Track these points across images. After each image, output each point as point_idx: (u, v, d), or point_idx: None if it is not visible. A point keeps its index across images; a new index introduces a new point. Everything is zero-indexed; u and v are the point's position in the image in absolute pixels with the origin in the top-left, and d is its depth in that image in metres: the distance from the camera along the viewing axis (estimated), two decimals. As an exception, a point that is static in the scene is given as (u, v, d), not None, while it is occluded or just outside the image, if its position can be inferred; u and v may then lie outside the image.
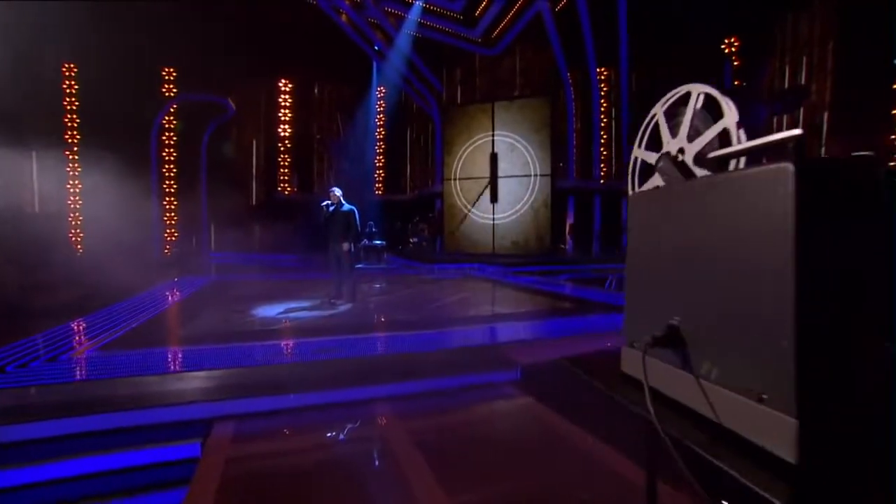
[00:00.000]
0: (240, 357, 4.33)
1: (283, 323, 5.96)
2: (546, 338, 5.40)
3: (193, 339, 5.03)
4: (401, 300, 7.92)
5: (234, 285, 9.85)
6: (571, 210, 16.06)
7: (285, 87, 18.75)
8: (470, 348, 5.01)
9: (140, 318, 6.10)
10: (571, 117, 15.70)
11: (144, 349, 4.52)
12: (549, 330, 5.70)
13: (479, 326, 5.83)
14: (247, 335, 5.29)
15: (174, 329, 5.51)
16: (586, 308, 7.22)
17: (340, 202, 7.55)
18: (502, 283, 10.41)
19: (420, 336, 5.28)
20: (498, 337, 5.49)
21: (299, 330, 5.66)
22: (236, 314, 6.48)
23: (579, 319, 6.25)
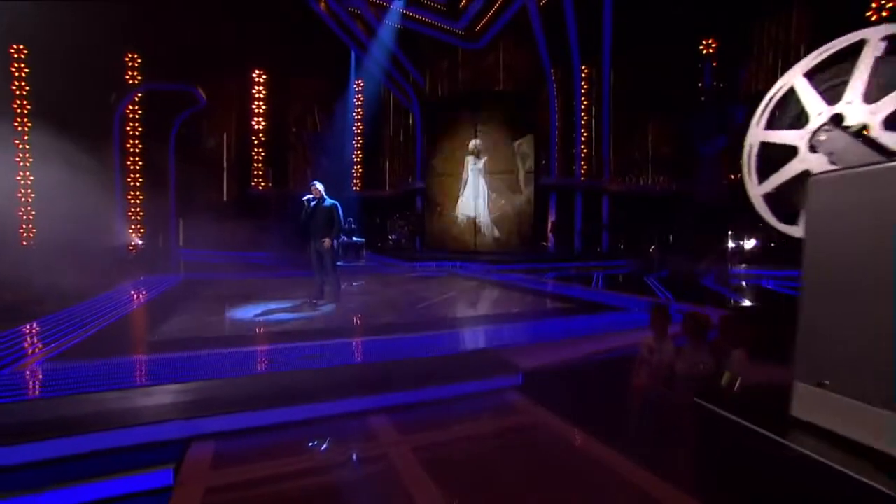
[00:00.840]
0: (216, 366, 3.86)
1: (262, 327, 5.48)
2: (545, 340, 5.11)
3: (162, 347, 4.51)
4: (386, 300, 7.51)
5: (206, 285, 9.22)
6: (553, 208, 15.92)
7: (259, 79, 17.95)
8: (466, 353, 4.66)
9: (100, 322, 5.50)
10: (554, 114, 15.54)
11: (105, 359, 3.99)
12: (546, 331, 5.41)
13: (472, 328, 5.50)
14: (223, 341, 4.80)
15: (140, 335, 4.96)
16: (580, 307, 6.99)
17: (322, 196, 7.10)
18: (488, 282, 10.12)
19: (412, 340, 4.90)
20: (494, 339, 5.17)
21: (281, 334, 5.20)
22: (210, 317, 5.95)
23: (575, 319, 6.00)
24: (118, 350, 4.29)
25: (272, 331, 5.32)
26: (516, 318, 6.12)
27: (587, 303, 7.31)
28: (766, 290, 8.90)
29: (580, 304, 7.28)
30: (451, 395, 3.87)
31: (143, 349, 4.41)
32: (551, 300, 7.69)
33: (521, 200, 15.76)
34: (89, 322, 5.45)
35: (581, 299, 7.59)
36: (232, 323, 5.63)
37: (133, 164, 15.72)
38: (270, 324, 5.65)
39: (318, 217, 6.99)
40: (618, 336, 5.27)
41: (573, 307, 7.08)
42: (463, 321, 6.09)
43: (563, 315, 6.35)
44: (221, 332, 5.18)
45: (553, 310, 6.97)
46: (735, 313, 6.14)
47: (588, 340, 5.17)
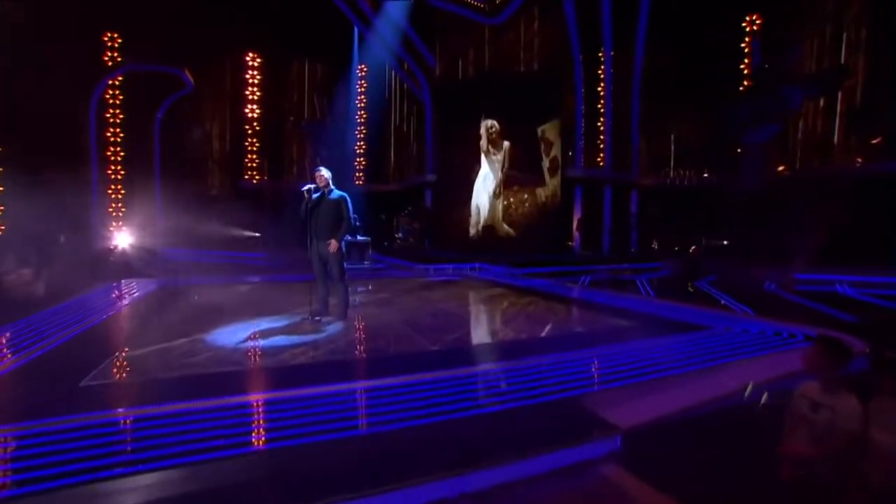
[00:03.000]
0: (176, 436, 2.51)
1: (249, 360, 4.13)
2: (633, 376, 3.76)
3: (103, 398, 3.17)
4: (402, 315, 6.17)
5: (187, 293, 7.87)
6: (579, 203, 14.56)
7: (253, 62, 16.56)
8: (529, 405, 3.30)
9: (32, 350, 4.16)
10: (580, 99, 14.16)
11: (4, 426, 2.63)
12: (629, 362, 4.07)
13: (526, 361, 4.15)
14: (193, 385, 3.46)
15: (76, 374, 3.61)
16: (649, 324, 5.64)
17: (329, 187, 5.74)
18: (517, 289, 8.77)
19: (453, 383, 3.55)
20: (561, 378, 3.82)
21: (274, 373, 3.86)
22: (181, 342, 4.59)
23: (656, 344, 4.65)
24: (32, 405, 2.93)
25: (260, 366, 3.97)
26: (579, 343, 4.77)
27: (656, 319, 5.96)
28: (854, 300, 7.56)
29: (648, 320, 5.93)
30: (514, 477, 2.54)
31: (74, 402, 3.05)
32: (608, 315, 6.35)
33: (545, 194, 14.39)
34: (17, 349, 4.11)
35: (646, 314, 6.24)
36: (208, 352, 4.28)
37: (113, 154, 14.34)
38: (260, 354, 4.30)
39: (322, 213, 5.65)
40: (728, 371, 3.93)
41: (639, 324, 5.73)
42: (509, 349, 4.74)
43: (637, 337, 4.99)
44: (192, 369, 3.82)
45: (619, 329, 5.62)
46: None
47: (693, 378, 3.83)
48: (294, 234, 5.58)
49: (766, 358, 4.20)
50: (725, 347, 4.51)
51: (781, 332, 5.01)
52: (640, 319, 5.99)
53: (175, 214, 14.81)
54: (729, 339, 4.85)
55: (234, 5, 14.61)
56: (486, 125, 14.84)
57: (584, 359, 4.24)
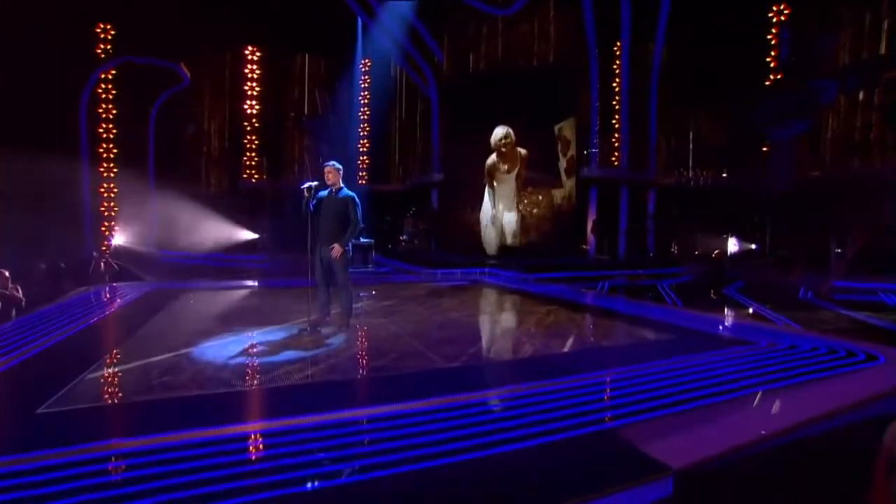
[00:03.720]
0: (140, 482, 2.11)
1: (237, 380, 3.72)
2: (677, 404, 3.31)
3: (61, 430, 2.77)
4: (413, 327, 5.75)
5: (177, 298, 7.49)
6: (594, 204, 14.12)
7: (252, 56, 16.23)
8: (559, 440, 2.86)
9: None
10: (595, 95, 13.72)
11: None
12: (665, 385, 3.63)
13: (552, 383, 3.72)
14: (169, 412, 3.06)
15: (34, 398, 3.21)
16: (684, 340, 5.20)
17: (339, 184, 5.33)
18: (533, 296, 8.34)
19: (470, 410, 3.13)
20: (597, 405, 3.39)
21: (264, 397, 3.45)
22: (163, 356, 4.20)
23: (696, 362, 4.21)
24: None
25: (250, 389, 3.56)
26: (609, 360, 4.34)
27: (688, 332, 5.51)
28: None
29: (679, 332, 5.48)
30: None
31: (10, 438, 2.65)
32: (634, 326, 5.90)
33: (560, 196, 13.96)
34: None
35: (676, 326, 5.78)
36: (193, 370, 3.87)
37: (106, 151, 14.04)
38: (250, 372, 3.89)
39: (327, 213, 5.25)
40: (789, 397, 3.49)
41: (671, 338, 5.28)
42: (532, 368, 4.31)
43: (671, 353, 4.55)
44: (171, 391, 3.42)
45: (649, 343, 5.18)
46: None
47: (748, 405, 3.38)
48: (295, 235, 5.19)
49: (829, 381, 3.75)
50: (777, 367, 4.06)
51: (837, 349, 4.55)
52: (670, 332, 5.54)
53: (170, 215, 14.50)
54: (778, 357, 4.40)
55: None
56: (496, 135, 14.34)
57: (618, 380, 3.80)
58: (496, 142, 14.34)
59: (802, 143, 11.79)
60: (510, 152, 14.29)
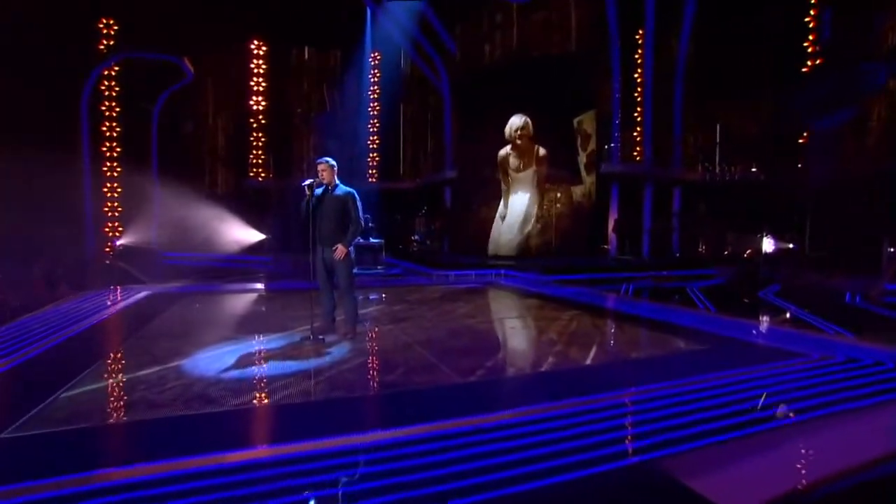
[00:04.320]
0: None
1: (228, 397, 3.41)
2: (730, 430, 2.92)
3: (23, 458, 2.48)
4: (425, 334, 5.41)
5: (175, 303, 7.27)
6: (615, 202, 13.65)
7: (258, 50, 16.06)
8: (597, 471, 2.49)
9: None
10: (617, 87, 13.24)
11: None
12: (711, 405, 3.23)
13: (581, 402, 3.34)
14: (145, 437, 2.76)
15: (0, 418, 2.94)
16: (724, 350, 4.78)
17: (335, 181, 5.05)
18: (553, 300, 7.95)
19: (489, 436, 2.78)
20: (634, 429, 3.01)
21: (256, 418, 3.14)
22: (150, 373, 3.92)
23: (742, 378, 3.79)
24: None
25: (242, 408, 3.24)
26: (643, 374, 3.94)
27: (728, 341, 5.08)
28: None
29: (717, 342, 5.06)
30: None
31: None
32: (665, 334, 5.48)
33: (580, 193, 13.52)
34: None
35: (712, 334, 5.36)
36: (181, 386, 3.58)
37: (109, 150, 13.95)
38: (244, 388, 3.58)
39: (326, 212, 4.96)
40: (860, 420, 3.07)
41: (708, 348, 4.87)
42: (557, 383, 3.94)
43: (712, 366, 4.13)
44: (152, 411, 3.13)
45: (685, 355, 4.77)
46: None
47: (811, 430, 2.97)
48: (303, 235, 4.91)
49: None
50: (838, 385, 3.63)
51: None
52: (705, 341, 5.12)
53: (174, 215, 14.39)
54: (837, 372, 3.96)
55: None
56: (511, 125, 13.84)
57: (654, 398, 3.40)
58: (511, 132, 13.76)
59: (846, 134, 11.15)
60: (525, 146, 13.73)
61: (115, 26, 13.53)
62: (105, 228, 13.82)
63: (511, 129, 13.78)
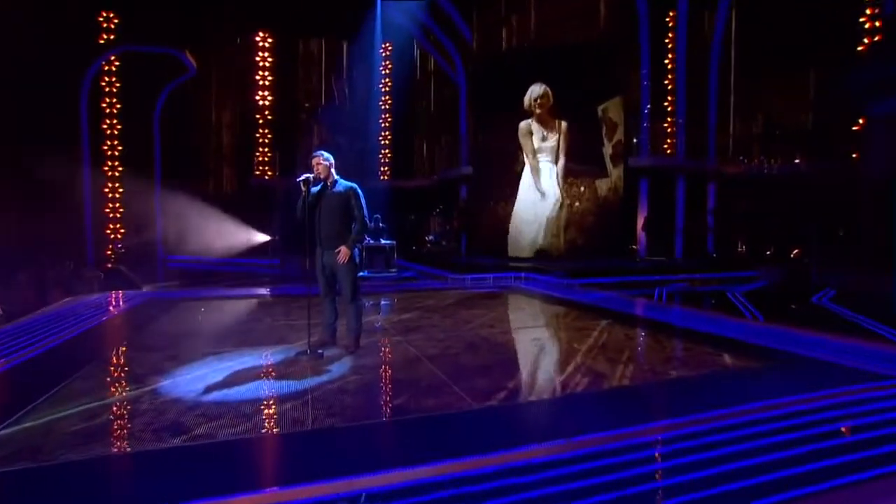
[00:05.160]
0: None
1: (205, 427, 3.02)
2: (813, 477, 2.41)
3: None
4: (438, 348, 4.98)
5: (168, 309, 6.98)
6: (644, 198, 13.05)
7: (264, 42, 15.83)
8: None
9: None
10: (646, 73, 12.64)
11: None
12: (791, 439, 2.73)
13: (621, 436, 2.86)
14: (102, 481, 2.38)
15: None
16: (785, 369, 4.24)
17: (333, 177, 4.67)
18: (580, 306, 7.45)
19: (511, 481, 2.33)
20: (691, 473, 2.52)
21: (240, 453, 2.74)
22: (123, 396, 3.56)
23: (817, 403, 3.26)
24: None
25: (216, 442, 2.84)
26: (693, 398, 3.43)
27: (786, 357, 4.53)
28: None
29: (773, 357, 4.51)
30: None
31: None
32: (710, 347, 4.94)
33: (606, 187, 12.95)
34: None
35: (766, 348, 4.80)
36: (153, 411, 3.20)
37: (111, 149, 13.86)
38: (224, 415, 3.18)
39: (326, 210, 4.60)
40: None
41: (765, 366, 4.33)
42: (590, 411, 3.45)
43: (774, 389, 3.61)
44: (116, 443, 2.75)
45: (737, 373, 4.23)
46: None
47: None
48: (311, 237, 4.56)
49: None
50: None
51: None
52: (760, 356, 4.57)
53: (177, 216, 14.24)
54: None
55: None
56: (531, 94, 13.17)
57: (713, 430, 2.90)
58: (531, 101, 13.14)
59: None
60: (545, 117, 13.06)
61: (115, 19, 13.42)
62: (106, 230, 13.73)
63: (531, 98, 13.19)
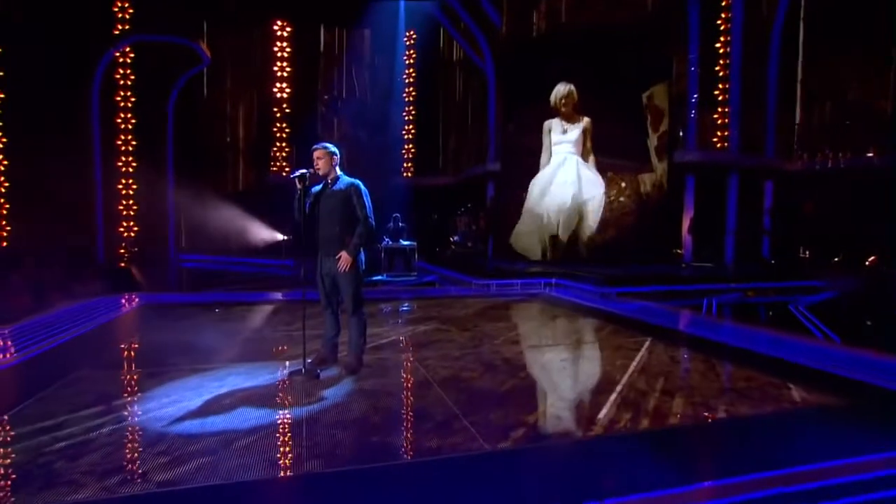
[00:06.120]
0: None
1: (166, 467, 2.66)
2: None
3: None
4: (451, 369, 4.53)
5: (163, 317, 6.77)
6: (691, 197, 12.29)
7: (282, 32, 15.71)
8: None
9: None
10: (695, 58, 11.88)
11: None
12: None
13: (670, 500, 2.35)
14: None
15: None
16: (874, 408, 3.62)
17: (335, 172, 4.29)
18: (620, 321, 6.88)
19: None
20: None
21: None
22: (80, 423, 3.24)
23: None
24: None
25: (183, 485, 2.47)
26: (762, 448, 2.88)
27: (872, 391, 3.89)
28: None
29: (854, 390, 3.89)
30: None
31: None
32: (773, 375, 4.33)
33: (650, 183, 12.28)
34: None
35: (854, 381, 4.16)
36: (111, 443, 2.87)
37: (124, 144, 13.94)
38: (193, 451, 2.81)
39: (325, 211, 4.26)
40: None
41: (844, 401, 3.71)
42: (626, 460, 2.94)
43: (864, 435, 3.01)
44: (50, 490, 2.41)
45: (829, 413, 3.63)
46: None
47: None
48: (297, 243, 4.21)
49: None
50: None
51: None
52: (839, 390, 3.94)
53: (191, 215, 14.25)
54: None
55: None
56: (556, 93, 12.88)
57: (786, 499, 2.36)
58: (556, 100, 13.06)
59: None
60: (570, 113, 12.95)
61: (130, 9, 13.48)
62: (119, 228, 13.82)
63: (556, 98, 13.08)
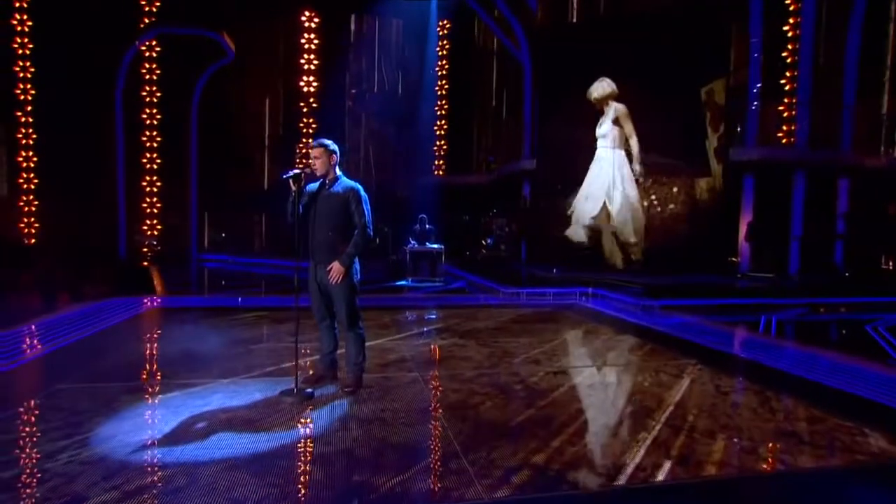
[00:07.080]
0: None
1: (127, 498, 2.47)
2: None
3: None
4: (462, 391, 4.23)
5: (162, 323, 6.75)
6: (749, 199, 11.54)
7: (309, 23, 15.77)
8: None
9: None
10: (757, 43, 11.14)
11: None
12: None
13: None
14: None
15: None
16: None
17: (333, 173, 4.06)
18: (661, 340, 6.39)
19: None
20: None
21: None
22: (31, 451, 3.11)
23: None
24: None
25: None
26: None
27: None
28: None
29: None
30: None
31: None
32: (840, 415, 3.81)
33: (706, 187, 11.66)
34: None
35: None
36: (62, 475, 2.70)
37: (150, 140, 14.30)
38: (150, 490, 2.61)
39: (321, 215, 4.02)
40: None
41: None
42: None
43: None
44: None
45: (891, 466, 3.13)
46: None
47: None
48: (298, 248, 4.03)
49: None
50: None
51: None
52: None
53: (213, 213, 14.47)
54: None
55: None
56: (592, 92, 12.72)
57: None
58: (593, 99, 12.85)
59: None
60: (604, 105, 12.75)
61: (157, 3, 13.81)
62: (143, 226, 14.17)
63: (592, 97, 12.89)
